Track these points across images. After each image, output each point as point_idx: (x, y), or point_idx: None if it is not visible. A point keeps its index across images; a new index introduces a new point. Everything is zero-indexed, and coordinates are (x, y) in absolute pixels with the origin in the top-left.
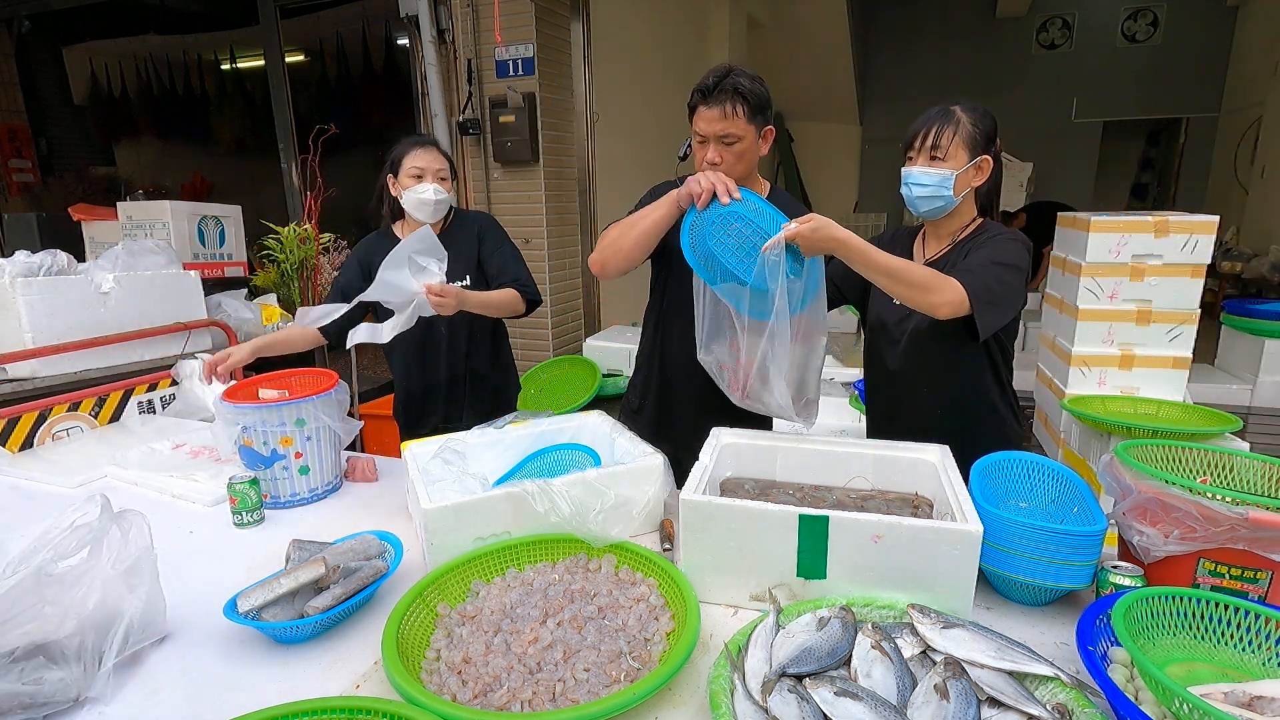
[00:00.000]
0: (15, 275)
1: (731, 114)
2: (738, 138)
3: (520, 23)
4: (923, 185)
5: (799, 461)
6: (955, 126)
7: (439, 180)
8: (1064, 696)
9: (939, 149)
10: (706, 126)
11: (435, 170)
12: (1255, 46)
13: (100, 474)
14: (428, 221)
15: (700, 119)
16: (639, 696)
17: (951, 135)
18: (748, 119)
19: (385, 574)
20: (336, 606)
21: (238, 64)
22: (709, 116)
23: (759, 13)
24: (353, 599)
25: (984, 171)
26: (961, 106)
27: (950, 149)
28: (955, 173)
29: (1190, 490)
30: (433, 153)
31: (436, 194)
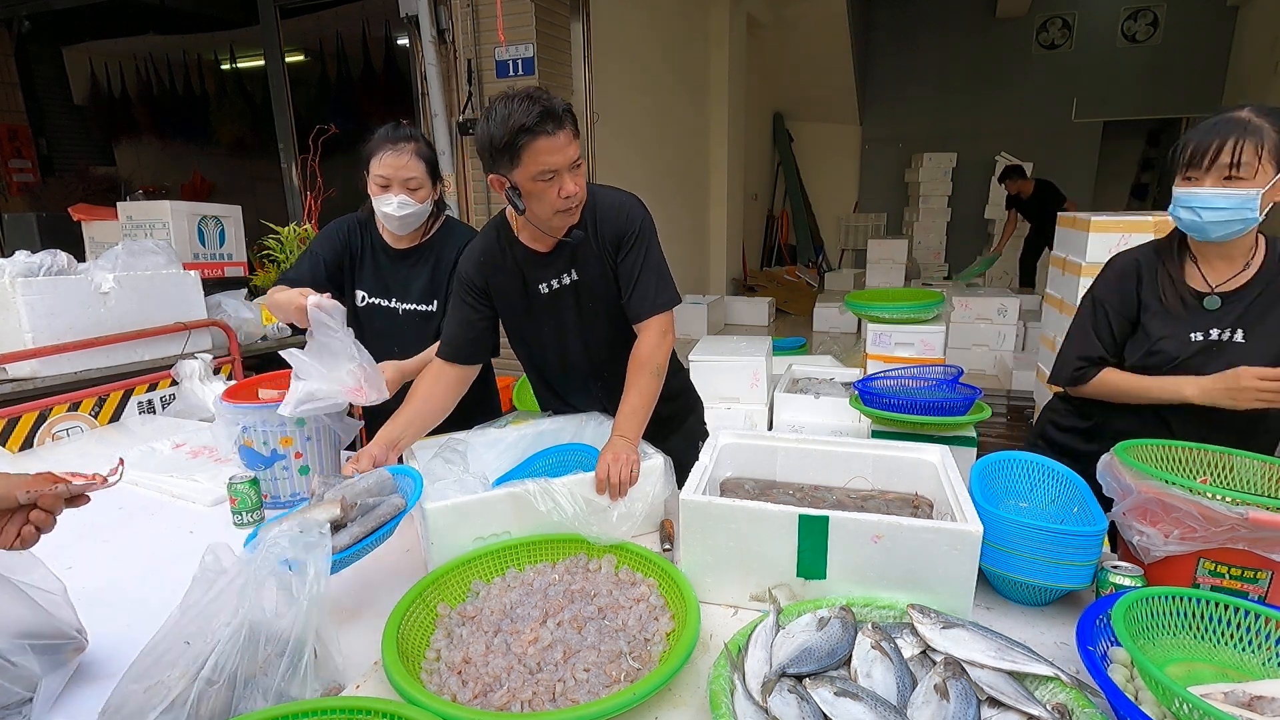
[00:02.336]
0: (15, 275)
1: (574, 136)
2: (579, 160)
3: (520, 23)
4: (1219, 209)
5: (799, 461)
6: (1259, 138)
7: (407, 190)
8: (1064, 696)
9: (1241, 166)
10: (556, 157)
11: (403, 179)
12: (1255, 46)
13: None
14: (396, 233)
15: (543, 153)
16: (639, 696)
17: (1256, 149)
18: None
19: (403, 510)
20: (353, 545)
21: (238, 64)
22: (556, 146)
23: (759, 13)
24: (370, 537)
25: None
26: (1255, 111)
27: (1258, 164)
28: (1263, 190)
29: (1190, 490)
30: (404, 155)
31: (401, 207)
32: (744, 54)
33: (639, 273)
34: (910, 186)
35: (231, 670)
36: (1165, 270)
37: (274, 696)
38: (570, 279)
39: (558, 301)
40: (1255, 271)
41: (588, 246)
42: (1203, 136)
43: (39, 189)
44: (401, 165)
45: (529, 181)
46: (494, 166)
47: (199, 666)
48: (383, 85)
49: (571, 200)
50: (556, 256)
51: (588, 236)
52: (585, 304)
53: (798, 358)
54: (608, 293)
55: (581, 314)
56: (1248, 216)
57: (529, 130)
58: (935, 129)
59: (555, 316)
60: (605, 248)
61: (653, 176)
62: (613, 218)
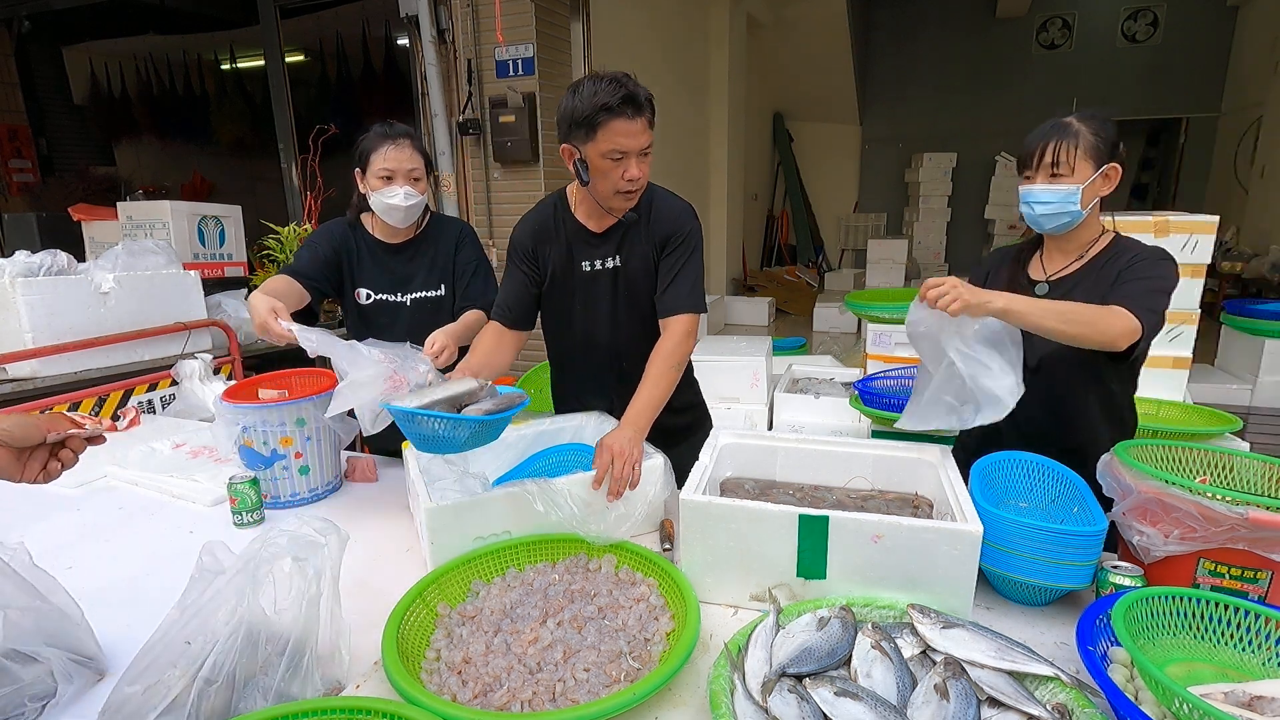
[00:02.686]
0: (15, 275)
1: (650, 125)
2: (649, 149)
3: (520, 23)
4: (1047, 203)
5: (799, 461)
6: (1075, 140)
7: (411, 181)
8: (1064, 696)
9: (1061, 165)
10: (630, 141)
11: (407, 171)
12: (1255, 46)
13: (100, 474)
14: (398, 226)
15: (618, 134)
16: (639, 696)
17: (1073, 150)
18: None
19: (522, 403)
20: (498, 413)
21: (238, 64)
22: (632, 130)
23: (759, 13)
24: (507, 412)
25: (1112, 180)
26: (1078, 116)
27: (1075, 163)
28: (1082, 186)
29: (1190, 490)
30: (405, 149)
31: (407, 198)
32: (744, 54)
33: (678, 272)
34: (910, 186)
35: (231, 670)
36: (1013, 263)
37: (274, 696)
38: (614, 263)
39: (597, 282)
40: (1085, 263)
41: (636, 236)
42: (1033, 140)
43: (39, 189)
44: (405, 158)
45: (599, 158)
46: (569, 137)
47: (198, 666)
48: (383, 85)
49: (634, 184)
50: (605, 239)
51: (639, 225)
52: (622, 290)
53: (798, 358)
54: (646, 285)
55: (617, 299)
56: (1071, 209)
57: (610, 109)
58: (935, 129)
59: (591, 296)
60: (653, 242)
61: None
62: (669, 217)
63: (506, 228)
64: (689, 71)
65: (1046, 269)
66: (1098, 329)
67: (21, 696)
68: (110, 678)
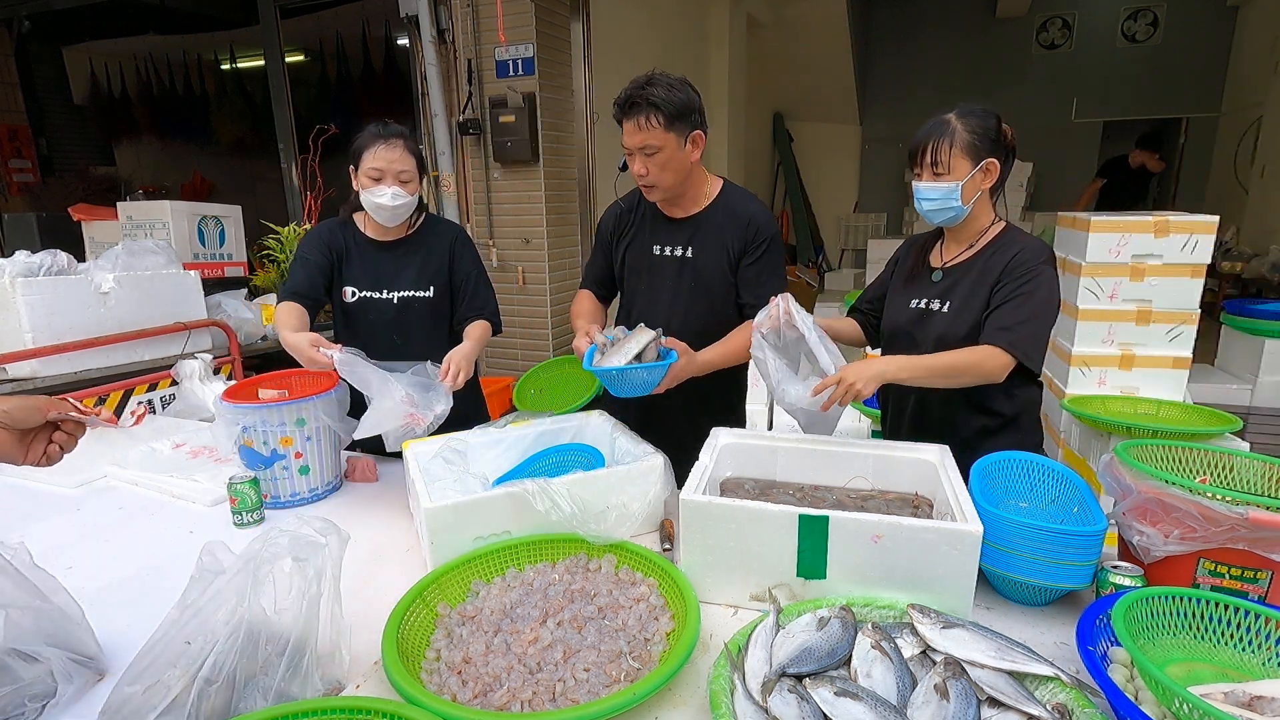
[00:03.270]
0: (15, 275)
1: (647, 125)
2: (657, 148)
3: (520, 23)
4: (930, 199)
5: (799, 461)
6: (951, 138)
7: (400, 182)
8: (1064, 696)
9: (939, 164)
10: (628, 140)
11: (396, 171)
12: (1255, 46)
13: (100, 474)
14: (385, 225)
15: (625, 133)
16: (639, 696)
17: (949, 148)
18: (665, 128)
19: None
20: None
21: (238, 64)
22: (628, 130)
23: (759, 13)
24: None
25: (992, 174)
26: (957, 113)
27: (951, 161)
28: (960, 183)
29: (1190, 490)
30: (396, 149)
31: (395, 198)
32: (744, 54)
33: (759, 277)
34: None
35: (231, 670)
36: (918, 250)
37: (274, 696)
38: (687, 253)
39: (668, 267)
40: (975, 252)
41: (709, 230)
42: (917, 138)
43: (39, 189)
44: (395, 158)
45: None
46: None
47: (198, 666)
48: (383, 85)
49: (641, 180)
50: (679, 228)
51: (711, 221)
52: (688, 280)
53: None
54: (719, 279)
55: (680, 287)
56: (954, 205)
57: (618, 109)
58: None
59: (663, 280)
60: (729, 243)
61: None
62: (745, 220)
63: (507, 227)
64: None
65: (944, 257)
66: (976, 374)
67: (21, 696)
68: (110, 678)
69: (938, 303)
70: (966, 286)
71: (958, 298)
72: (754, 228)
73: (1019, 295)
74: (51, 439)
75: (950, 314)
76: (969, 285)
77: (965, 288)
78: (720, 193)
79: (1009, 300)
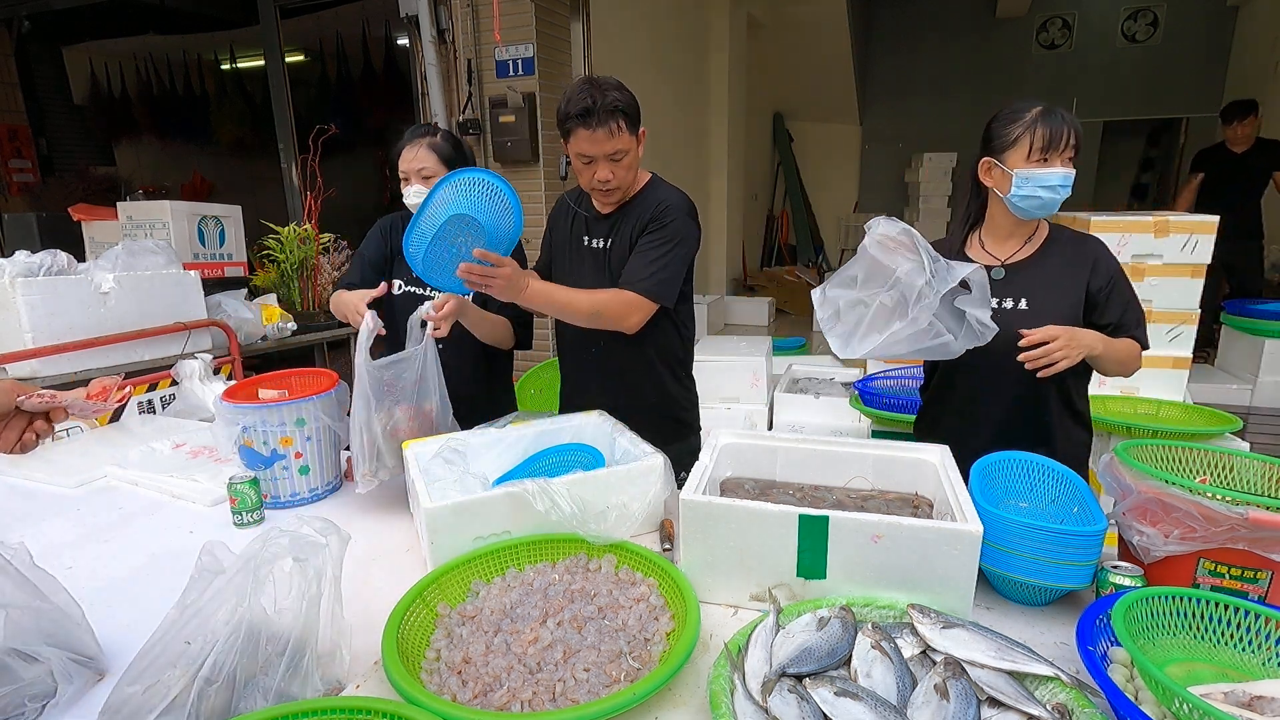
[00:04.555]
0: (15, 275)
1: (617, 132)
2: (625, 152)
3: (520, 23)
4: (1066, 187)
5: (799, 461)
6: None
7: (422, 179)
8: (1064, 696)
9: (1078, 151)
10: (594, 148)
11: (416, 170)
12: (1255, 46)
13: (100, 474)
14: None
15: (583, 141)
16: (639, 696)
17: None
18: (630, 132)
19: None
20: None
21: (238, 64)
22: (595, 139)
23: (759, 13)
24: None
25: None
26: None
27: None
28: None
29: (1190, 490)
30: (418, 149)
31: (415, 196)
32: (744, 54)
33: (644, 251)
34: (910, 186)
35: (231, 670)
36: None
37: (274, 696)
38: (607, 245)
39: (594, 259)
40: (1036, 250)
41: (627, 222)
42: (1056, 124)
43: (39, 189)
44: (413, 158)
45: (575, 158)
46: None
47: (198, 666)
48: (383, 85)
49: (604, 184)
50: (606, 220)
51: (632, 214)
52: (607, 269)
53: (798, 358)
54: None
55: (606, 278)
56: (1067, 194)
57: (572, 118)
58: (935, 129)
59: (584, 271)
60: (636, 226)
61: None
62: (653, 205)
63: None
64: (689, 71)
65: (995, 253)
66: (1130, 369)
67: (21, 696)
68: (110, 678)
69: (1010, 300)
70: (1042, 282)
71: (1035, 293)
72: (661, 208)
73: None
74: (29, 427)
75: (1031, 310)
76: (1045, 280)
77: (1041, 283)
78: (647, 185)
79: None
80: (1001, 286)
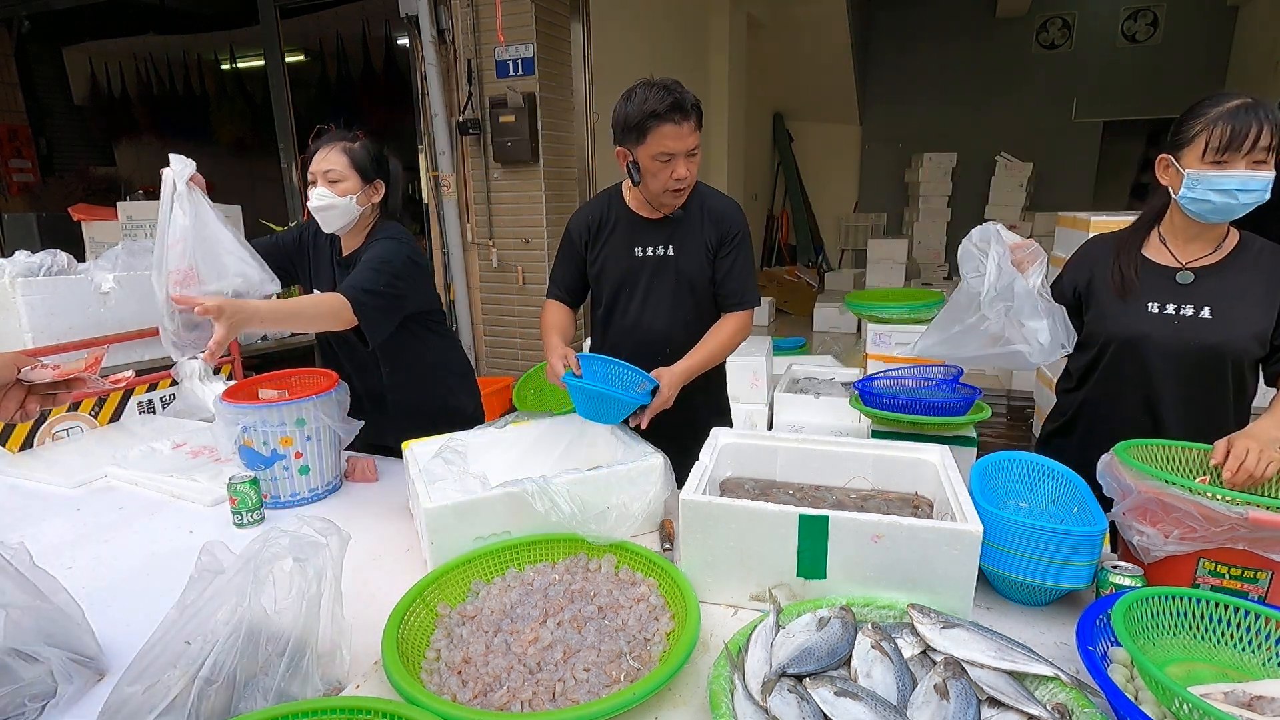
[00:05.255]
0: (15, 275)
1: (696, 128)
2: (699, 149)
3: (520, 23)
4: (1250, 192)
5: (799, 461)
6: (1274, 126)
7: (327, 182)
8: (1064, 696)
9: (1270, 150)
10: (679, 144)
11: (322, 172)
12: (1255, 46)
13: (100, 474)
14: (325, 231)
15: (667, 137)
16: (639, 696)
17: (1272, 137)
18: (699, 129)
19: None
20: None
21: (238, 64)
22: (680, 134)
23: (759, 13)
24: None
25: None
26: (1256, 100)
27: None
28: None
29: (1190, 490)
30: (330, 151)
31: (318, 198)
32: (744, 54)
33: (734, 268)
34: (910, 186)
35: (231, 670)
36: (1128, 250)
37: (274, 696)
38: (668, 251)
39: (649, 268)
40: (1226, 255)
41: (688, 228)
42: (1238, 120)
43: (39, 189)
44: (320, 159)
45: (649, 160)
46: (622, 141)
47: (198, 666)
48: (383, 85)
49: (682, 183)
50: (658, 227)
51: (690, 218)
52: (673, 278)
53: (798, 358)
54: (700, 274)
55: (669, 286)
56: (1264, 197)
57: (658, 115)
58: (935, 129)
59: (645, 281)
60: (707, 236)
61: None
62: (719, 215)
63: (506, 227)
64: (689, 71)
65: (1179, 256)
66: None
67: (21, 696)
68: (110, 678)
69: (1191, 308)
70: (1229, 291)
71: (1220, 302)
72: (726, 222)
73: None
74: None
75: (1215, 320)
76: (1232, 290)
77: (1227, 292)
78: (693, 189)
79: None
80: (1185, 292)
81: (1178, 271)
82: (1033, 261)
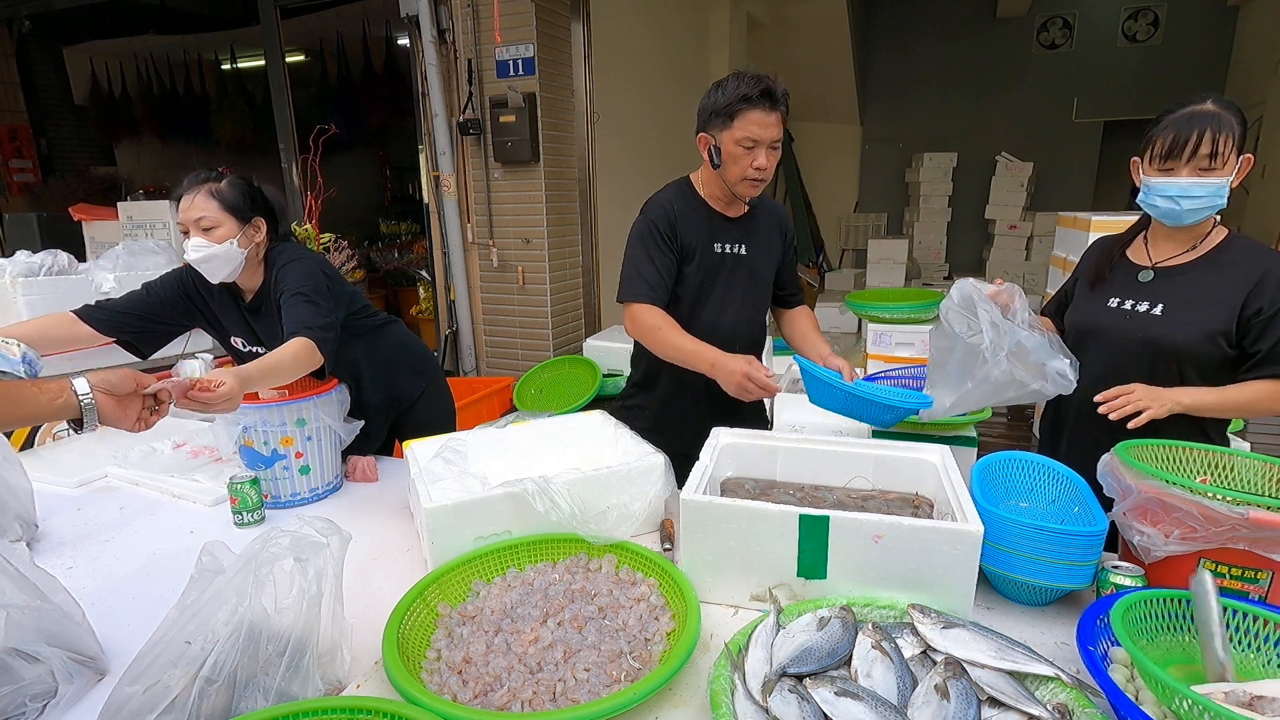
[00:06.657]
0: (16, 275)
1: (782, 120)
2: (780, 141)
3: (520, 23)
4: (1195, 198)
5: (799, 461)
6: (1228, 130)
7: (201, 230)
8: (1064, 696)
9: (1217, 157)
10: (765, 131)
11: (194, 220)
12: (1255, 46)
13: (101, 474)
14: (212, 280)
15: (754, 123)
16: (639, 696)
17: (1227, 140)
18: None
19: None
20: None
21: (238, 64)
22: (768, 121)
23: (759, 13)
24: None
25: (1244, 170)
26: (1218, 103)
27: (1226, 155)
28: (1229, 180)
29: (1190, 490)
30: (195, 196)
31: (195, 250)
32: (744, 54)
33: (789, 268)
34: (910, 186)
35: (231, 670)
36: (1115, 244)
37: (274, 696)
38: (742, 250)
39: (726, 264)
40: (1198, 255)
41: (757, 228)
42: (1181, 128)
43: (39, 189)
44: (188, 207)
45: (733, 145)
46: (706, 126)
47: (199, 666)
48: (383, 85)
49: (761, 172)
50: (734, 225)
51: (757, 220)
52: (747, 276)
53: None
54: (768, 274)
55: (743, 284)
56: (1217, 203)
57: (749, 100)
58: (935, 129)
59: (723, 277)
60: (773, 238)
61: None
62: (780, 218)
63: (507, 227)
64: (689, 71)
65: (1152, 255)
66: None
67: (22, 696)
68: (110, 678)
69: (1145, 304)
70: (1187, 290)
71: (1174, 301)
72: (785, 223)
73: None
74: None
75: (1164, 317)
76: (1191, 290)
77: (1185, 291)
78: None
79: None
80: (1145, 289)
81: (1141, 270)
82: (1013, 301)
